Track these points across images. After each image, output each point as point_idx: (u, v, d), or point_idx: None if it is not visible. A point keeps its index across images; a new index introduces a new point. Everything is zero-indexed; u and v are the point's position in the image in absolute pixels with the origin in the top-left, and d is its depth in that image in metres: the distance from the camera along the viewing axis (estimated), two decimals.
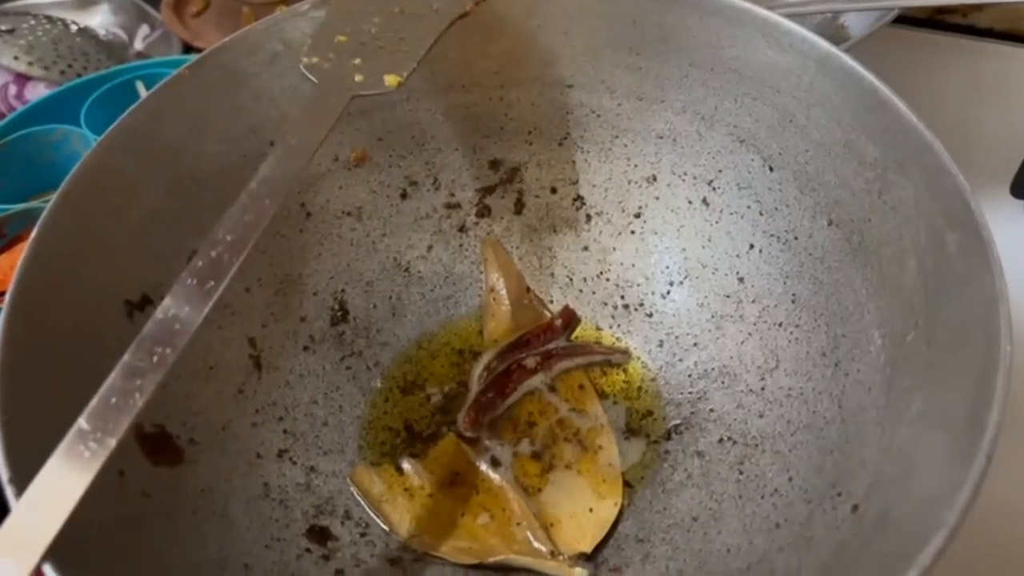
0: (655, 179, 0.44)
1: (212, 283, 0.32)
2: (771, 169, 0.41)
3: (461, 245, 0.46)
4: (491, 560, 0.36)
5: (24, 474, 0.27)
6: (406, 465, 0.39)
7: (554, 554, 0.36)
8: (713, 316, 0.42)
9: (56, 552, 0.26)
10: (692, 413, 0.40)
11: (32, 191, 0.54)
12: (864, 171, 0.37)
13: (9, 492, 0.27)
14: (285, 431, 0.40)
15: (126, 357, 0.29)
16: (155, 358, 0.29)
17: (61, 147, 0.55)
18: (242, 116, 0.42)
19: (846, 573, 0.28)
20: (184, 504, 0.34)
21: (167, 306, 0.31)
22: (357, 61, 0.38)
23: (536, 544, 0.36)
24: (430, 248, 0.46)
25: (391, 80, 0.37)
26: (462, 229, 0.46)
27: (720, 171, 0.43)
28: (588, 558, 0.36)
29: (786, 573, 0.31)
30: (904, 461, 0.30)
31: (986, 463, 0.26)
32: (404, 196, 0.46)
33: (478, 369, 0.42)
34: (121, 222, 0.37)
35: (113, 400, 0.28)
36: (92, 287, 0.35)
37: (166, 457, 0.35)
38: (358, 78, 0.37)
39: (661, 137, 0.44)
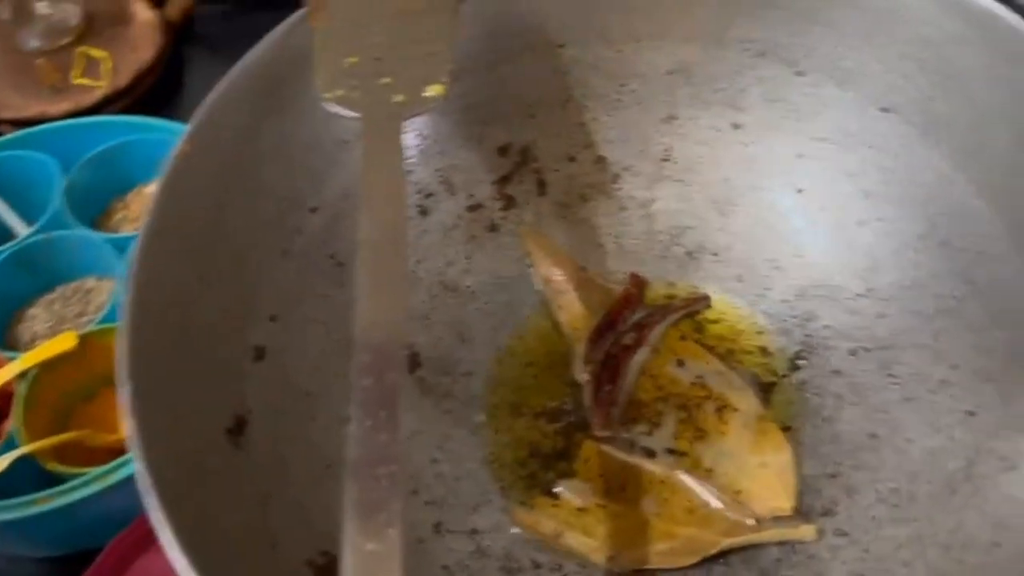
0: (674, 117, 0.43)
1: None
2: (799, 74, 0.40)
3: (498, 245, 0.42)
4: (713, 552, 0.34)
5: None
6: (560, 489, 0.36)
7: (759, 520, 0.35)
8: (783, 236, 0.41)
9: None
10: (807, 335, 0.40)
11: None
12: (919, 51, 0.37)
13: None
14: (426, 503, 0.36)
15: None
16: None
17: None
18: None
19: None
20: None
21: None
22: (386, 80, 0.33)
23: (737, 517, 0.35)
24: (468, 258, 0.42)
25: (435, 90, 0.33)
26: (492, 228, 0.42)
27: (742, 90, 0.41)
28: (795, 511, 0.35)
29: (1019, 453, 0.31)
30: None
31: None
32: (424, 212, 0.41)
33: (578, 365, 0.40)
34: (186, 346, 0.31)
35: None
36: (191, 431, 0.30)
37: None
38: (398, 98, 0.33)
39: (671, 72, 0.42)
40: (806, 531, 0.34)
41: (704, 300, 0.42)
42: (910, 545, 0.32)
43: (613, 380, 0.39)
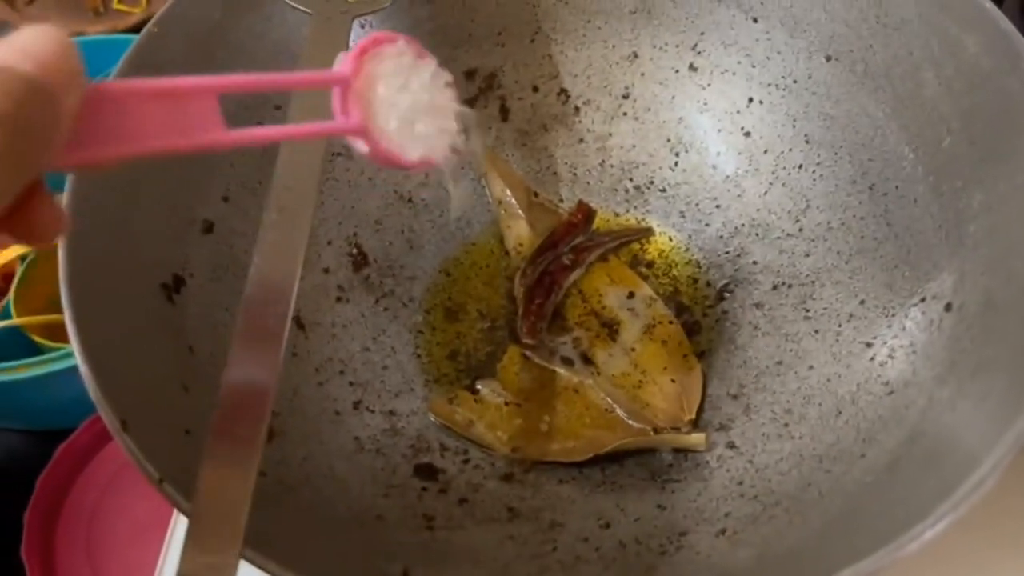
0: (636, 56, 0.44)
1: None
2: (755, 20, 0.41)
3: (457, 164, 0.45)
4: (604, 451, 0.36)
5: None
6: (481, 386, 0.39)
7: (658, 430, 0.36)
8: (728, 176, 0.43)
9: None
10: (736, 270, 0.41)
11: None
12: (856, 0, 0.38)
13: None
14: (351, 383, 0.38)
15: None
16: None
17: None
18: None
19: (966, 371, 0.30)
20: (297, 474, 0.32)
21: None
22: None
23: (637, 424, 0.37)
24: (427, 174, 0.44)
25: None
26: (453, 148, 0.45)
27: (702, 33, 0.43)
28: (693, 424, 0.37)
29: (902, 381, 0.33)
30: (987, 249, 0.32)
31: None
32: None
33: (516, 280, 0.42)
34: (134, 207, 0.34)
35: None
36: (127, 277, 0.32)
37: None
38: None
39: (634, 12, 0.44)
40: (697, 440, 0.35)
41: (646, 232, 0.43)
42: (790, 458, 0.34)
43: (546, 295, 0.41)
